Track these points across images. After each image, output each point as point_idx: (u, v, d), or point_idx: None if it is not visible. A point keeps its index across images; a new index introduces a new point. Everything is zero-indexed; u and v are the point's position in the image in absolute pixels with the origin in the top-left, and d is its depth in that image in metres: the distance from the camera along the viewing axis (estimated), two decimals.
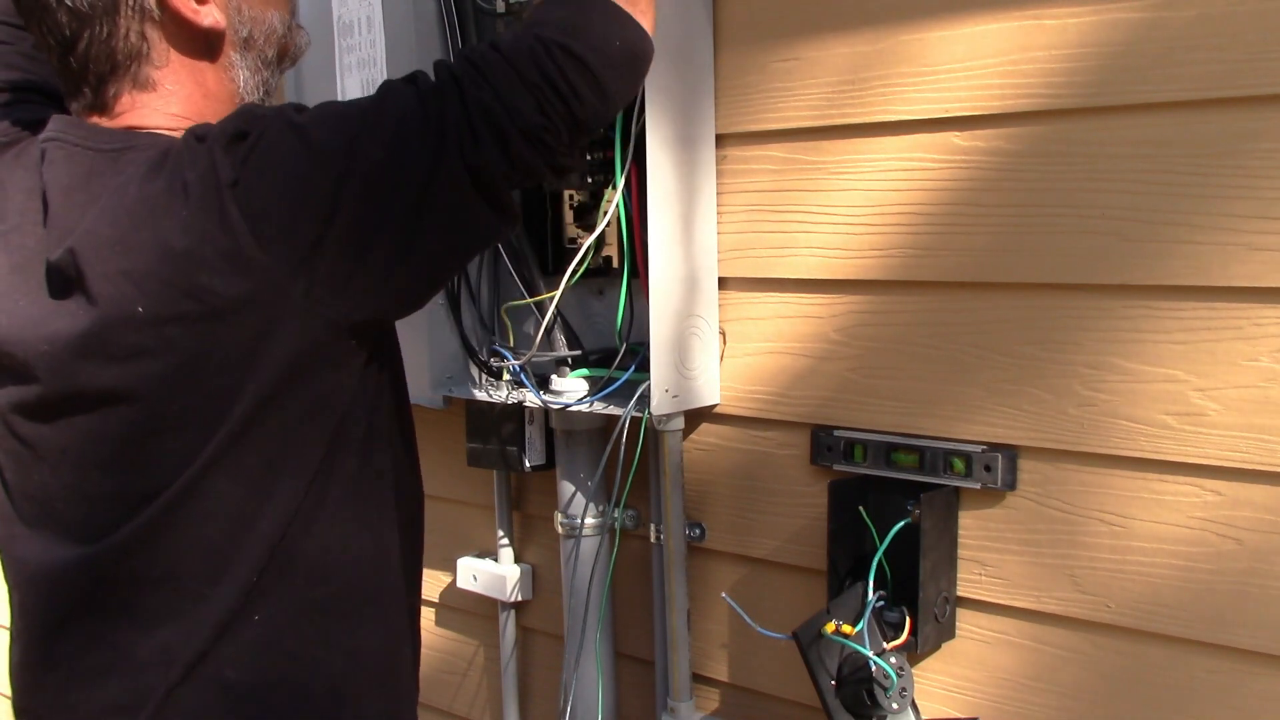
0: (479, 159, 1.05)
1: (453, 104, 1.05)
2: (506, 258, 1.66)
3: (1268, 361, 1.18)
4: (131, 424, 1.02)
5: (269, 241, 0.99)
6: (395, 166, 1.03)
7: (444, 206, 1.05)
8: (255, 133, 1.01)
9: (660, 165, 1.45)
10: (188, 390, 1.01)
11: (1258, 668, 1.22)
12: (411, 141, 1.03)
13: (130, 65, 1.09)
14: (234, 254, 0.98)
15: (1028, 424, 1.33)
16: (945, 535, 1.39)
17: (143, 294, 0.99)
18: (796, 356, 1.51)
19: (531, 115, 1.07)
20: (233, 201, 0.98)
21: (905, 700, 1.33)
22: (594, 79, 1.10)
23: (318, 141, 1.02)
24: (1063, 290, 1.30)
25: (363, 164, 1.01)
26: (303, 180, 1.00)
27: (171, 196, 1.00)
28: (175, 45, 1.10)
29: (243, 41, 1.15)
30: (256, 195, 0.99)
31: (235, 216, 0.98)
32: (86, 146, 1.06)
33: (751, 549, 1.59)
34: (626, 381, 1.55)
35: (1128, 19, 1.22)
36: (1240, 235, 1.18)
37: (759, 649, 1.59)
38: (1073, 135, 1.27)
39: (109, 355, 1.00)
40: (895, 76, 1.38)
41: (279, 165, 1.00)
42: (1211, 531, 1.23)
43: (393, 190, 1.03)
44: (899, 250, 1.41)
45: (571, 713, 1.73)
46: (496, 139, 1.06)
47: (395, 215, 1.03)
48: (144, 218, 1.00)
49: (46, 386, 1.04)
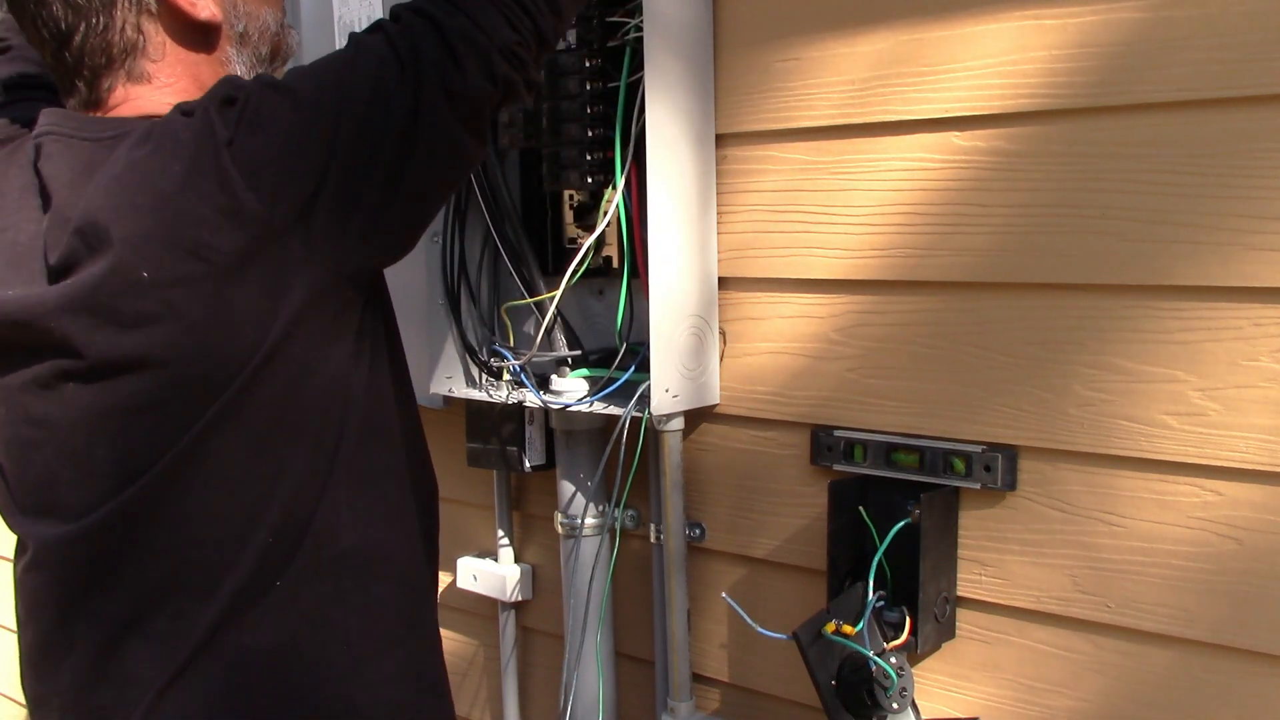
0: (464, 84, 1.07)
1: (428, 37, 1.06)
2: (506, 258, 1.66)
3: (1268, 361, 1.18)
4: (144, 392, 1.02)
5: (266, 195, 1.00)
6: (380, 109, 1.04)
7: (429, 140, 1.07)
8: (242, 97, 1.02)
9: (660, 165, 1.45)
10: (199, 354, 1.01)
11: (1258, 668, 1.22)
12: (391, 82, 1.05)
13: (125, 59, 1.09)
14: (233, 210, 0.99)
15: (1028, 424, 1.33)
16: (945, 535, 1.39)
17: (145, 259, 0.99)
18: (796, 356, 1.51)
19: (505, 32, 1.09)
20: (229, 160, 0.99)
21: (905, 700, 1.33)
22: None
23: (304, 97, 1.03)
24: (1063, 290, 1.30)
25: (349, 112, 1.03)
26: (294, 135, 1.02)
27: (164, 159, 1.00)
28: (171, 38, 1.10)
29: (239, 36, 1.15)
30: (251, 152, 1.00)
31: (232, 174, 0.99)
32: (82, 137, 1.06)
33: (751, 549, 1.59)
34: (626, 381, 1.55)
35: (1128, 19, 1.22)
36: (1240, 235, 1.18)
37: (759, 649, 1.59)
38: (1073, 135, 1.27)
39: (120, 324, 1.00)
40: (895, 77, 1.38)
41: (270, 123, 1.01)
42: (1211, 531, 1.23)
43: (380, 133, 1.04)
44: (899, 250, 1.41)
45: (571, 713, 1.73)
46: (479, 61, 1.07)
47: (384, 157, 1.05)
48: (137, 184, 1.00)
49: (59, 361, 1.04)
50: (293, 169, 1.01)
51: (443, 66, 1.06)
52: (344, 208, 1.03)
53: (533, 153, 1.65)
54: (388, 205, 1.07)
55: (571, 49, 1.55)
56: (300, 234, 1.01)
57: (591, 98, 1.53)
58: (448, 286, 1.71)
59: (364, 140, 1.04)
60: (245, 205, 0.99)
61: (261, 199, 0.99)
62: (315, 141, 1.02)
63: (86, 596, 1.08)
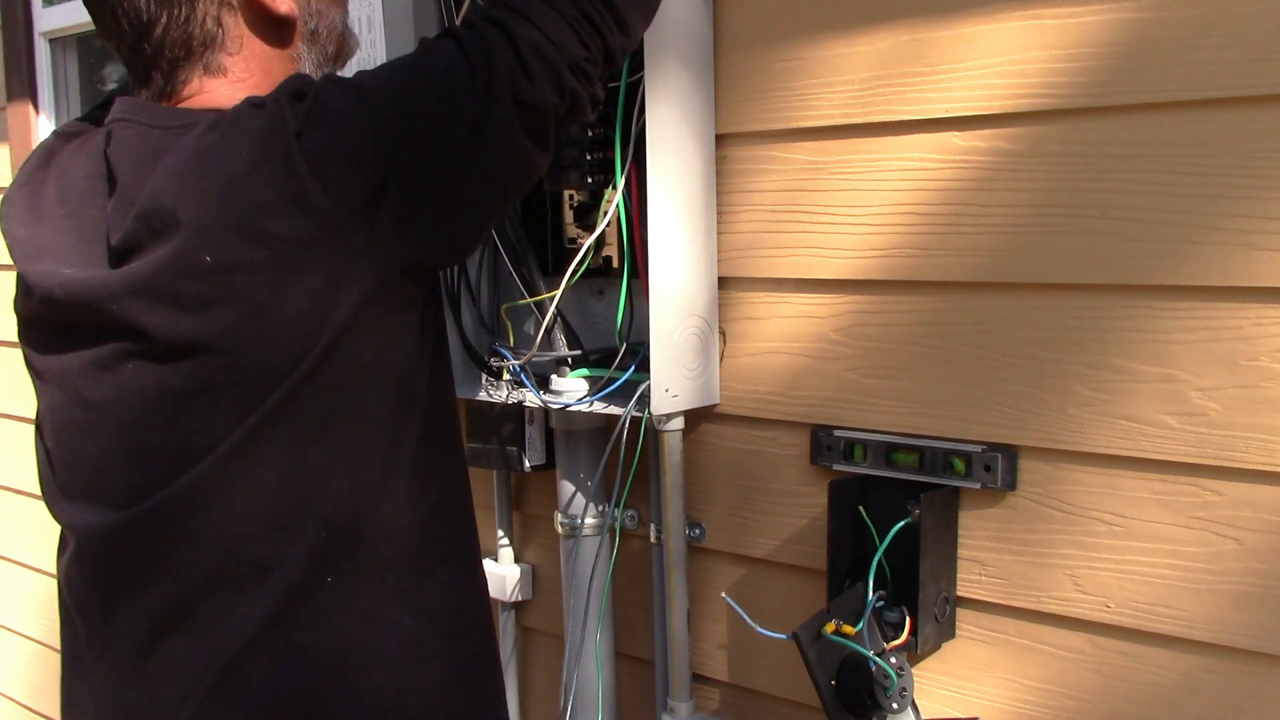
0: (533, 95, 1.09)
1: (501, 47, 1.08)
2: (506, 258, 1.66)
3: (1268, 361, 1.18)
4: (201, 377, 1.02)
5: (332, 187, 1.01)
6: (447, 110, 1.06)
7: (495, 147, 1.09)
8: (313, 91, 1.04)
9: (660, 165, 1.45)
10: (257, 341, 1.01)
11: (1258, 668, 1.22)
12: (460, 85, 1.06)
13: (204, 51, 1.10)
14: (299, 198, 1.00)
15: (1028, 424, 1.33)
16: (945, 535, 1.39)
17: (209, 243, 0.99)
18: (796, 356, 1.51)
19: (576, 48, 1.12)
20: (298, 151, 1.00)
21: (905, 700, 1.33)
22: (618, 13, 1.16)
23: (373, 94, 1.05)
24: (1063, 290, 1.30)
25: (417, 111, 1.05)
26: (363, 131, 1.03)
27: (232, 146, 1.01)
28: (250, 31, 1.12)
29: (310, 34, 1.17)
30: (320, 145, 1.01)
31: (300, 164, 1.00)
32: (152, 125, 1.07)
33: (751, 549, 1.59)
34: (626, 381, 1.55)
35: (1128, 19, 1.22)
36: (1240, 235, 1.18)
37: (759, 649, 1.59)
38: (1073, 135, 1.27)
39: (181, 307, 1.00)
40: (896, 77, 1.38)
41: (340, 118, 1.03)
42: (1211, 531, 1.23)
43: (447, 134, 1.06)
44: (899, 250, 1.41)
45: (571, 713, 1.73)
46: (549, 74, 1.10)
47: (449, 158, 1.06)
48: (204, 169, 1.01)
49: (122, 342, 1.04)
50: (359, 163, 1.02)
51: (513, 74, 1.08)
52: (408, 205, 1.04)
53: None
54: (451, 206, 1.08)
55: None
56: (363, 228, 1.02)
57: None
58: (448, 286, 1.71)
59: (430, 140, 1.05)
60: (311, 195, 1.00)
61: (328, 190, 1.00)
62: (383, 138, 1.03)
63: (129, 588, 1.07)
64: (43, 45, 2.75)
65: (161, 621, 1.06)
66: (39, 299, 1.09)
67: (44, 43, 2.75)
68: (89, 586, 1.11)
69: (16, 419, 2.88)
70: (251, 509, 1.04)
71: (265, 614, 1.05)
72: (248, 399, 1.02)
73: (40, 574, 2.95)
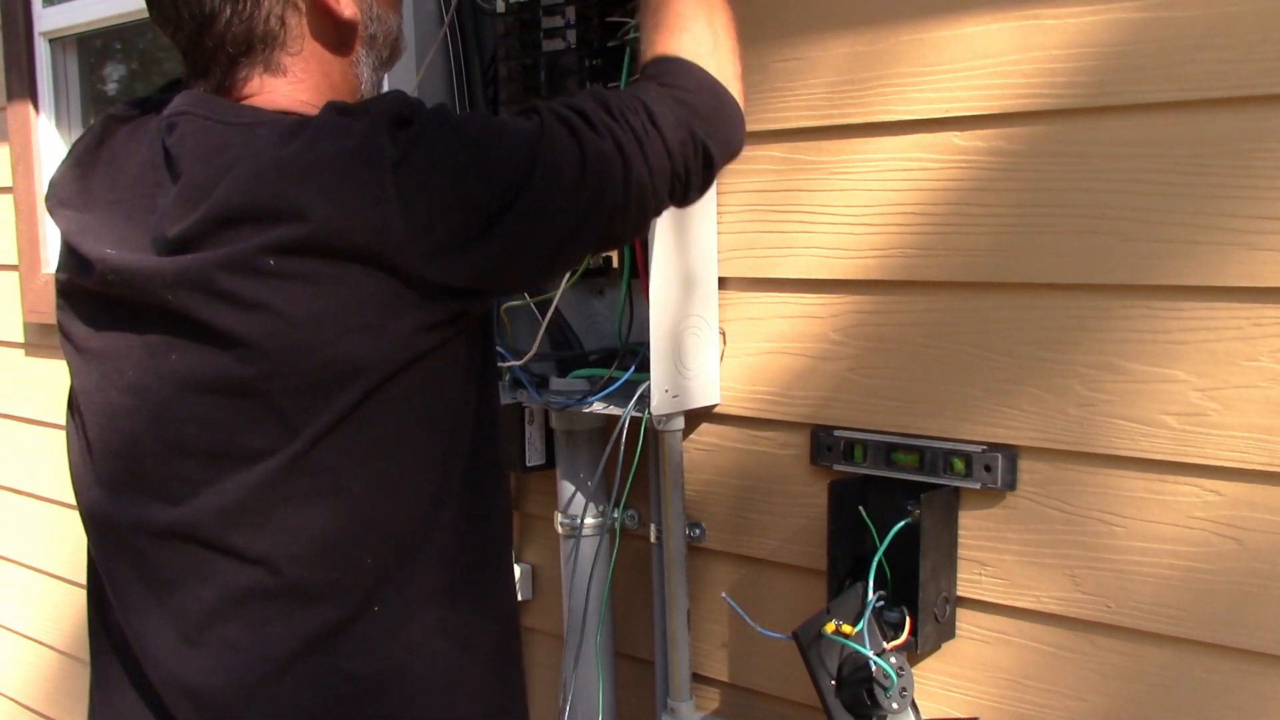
0: (621, 228, 1.13)
1: (615, 174, 1.08)
2: None
3: (1268, 361, 1.18)
4: (241, 377, 1.00)
5: (415, 226, 0.99)
6: (551, 212, 1.06)
7: (572, 251, 1.15)
8: (419, 122, 1.02)
9: None
10: (301, 352, 1.00)
11: (1258, 668, 1.22)
12: (571, 192, 1.07)
13: (264, 48, 1.09)
14: (379, 228, 0.98)
15: (1028, 424, 1.33)
16: (945, 535, 1.39)
17: (268, 250, 0.98)
18: (796, 356, 1.51)
19: (665, 199, 1.15)
20: (393, 182, 0.99)
21: (905, 700, 1.33)
22: (709, 179, 1.19)
23: (485, 155, 1.04)
24: (1063, 290, 1.30)
25: (521, 192, 1.04)
26: (464, 184, 1.02)
27: (313, 162, 0.99)
28: (311, 33, 1.10)
29: (369, 39, 1.16)
30: (415, 181, 1.00)
31: (391, 194, 0.98)
32: (217, 120, 1.06)
33: (752, 549, 1.59)
34: (626, 381, 1.55)
35: (1128, 19, 1.22)
36: (1240, 235, 1.18)
37: (759, 649, 1.59)
38: (1073, 135, 1.27)
39: (233, 301, 0.99)
40: (895, 76, 1.38)
41: (444, 162, 1.02)
42: (1211, 531, 1.23)
43: (537, 232, 1.06)
44: (899, 250, 1.41)
45: (571, 712, 1.73)
46: (640, 216, 1.14)
47: (539, 248, 1.08)
48: (280, 181, 0.99)
49: (167, 330, 1.02)
50: (449, 214, 1.01)
51: (613, 206, 1.09)
52: (487, 274, 1.05)
53: None
54: (525, 277, 1.15)
55: (571, 49, 1.55)
56: (434, 274, 1.01)
57: None
58: None
59: (525, 225, 1.04)
60: (391, 227, 0.98)
61: (408, 227, 0.99)
62: (480, 203, 1.02)
63: (166, 591, 1.06)
64: (43, 45, 2.75)
65: (191, 632, 1.05)
66: (96, 276, 1.06)
67: (44, 43, 2.75)
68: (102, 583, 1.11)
69: (17, 419, 2.88)
70: (300, 531, 1.03)
71: (304, 639, 1.04)
72: (290, 413, 1.01)
73: (40, 574, 2.95)
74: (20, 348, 2.83)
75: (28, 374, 2.81)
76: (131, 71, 3.01)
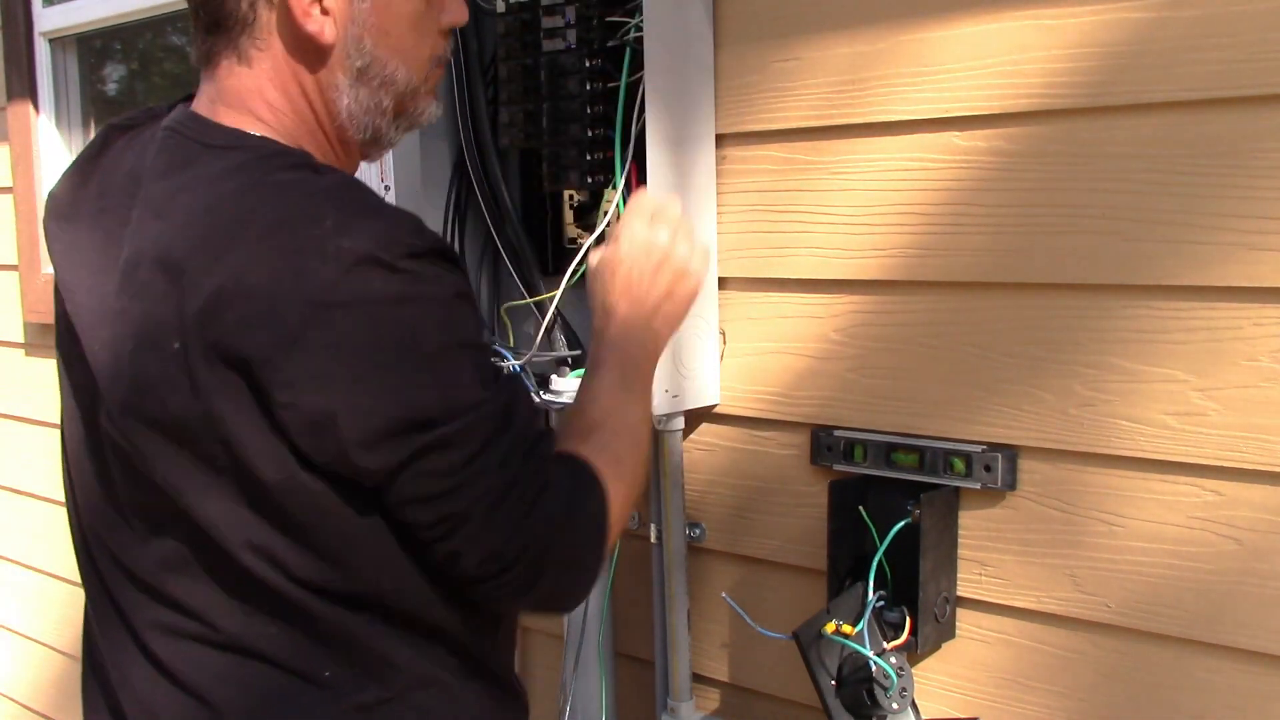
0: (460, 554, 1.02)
1: (515, 511, 1.01)
2: (506, 258, 1.66)
3: (1268, 361, 1.18)
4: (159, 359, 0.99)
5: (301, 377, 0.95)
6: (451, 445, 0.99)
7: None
8: (380, 279, 0.95)
9: (660, 165, 1.45)
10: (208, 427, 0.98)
11: (1258, 668, 1.22)
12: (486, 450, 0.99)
13: (234, 30, 1.07)
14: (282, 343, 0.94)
15: (1028, 424, 1.33)
16: (945, 535, 1.39)
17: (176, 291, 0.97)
18: (796, 356, 1.51)
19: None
20: (318, 325, 0.94)
21: (905, 700, 1.33)
22: (583, 571, 1.10)
23: (433, 367, 0.98)
24: (1063, 290, 1.30)
25: (431, 431, 0.97)
26: (384, 369, 0.96)
27: (249, 216, 0.98)
28: (279, 33, 1.07)
29: (357, 71, 1.09)
30: (339, 333, 0.95)
31: (315, 342, 0.94)
32: (192, 138, 1.06)
33: (752, 549, 1.59)
34: None
35: (1128, 19, 1.22)
36: (1240, 235, 1.18)
37: (759, 649, 1.59)
38: (1073, 135, 1.27)
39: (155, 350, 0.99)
40: (895, 76, 1.38)
41: (379, 340, 0.96)
42: (1211, 531, 1.23)
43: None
44: (899, 250, 1.41)
45: (571, 713, 1.73)
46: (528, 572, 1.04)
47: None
48: (215, 226, 0.98)
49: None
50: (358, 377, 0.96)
51: (480, 524, 1.00)
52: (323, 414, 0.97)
53: (533, 153, 1.65)
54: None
55: (571, 49, 1.55)
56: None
57: (591, 98, 1.53)
58: None
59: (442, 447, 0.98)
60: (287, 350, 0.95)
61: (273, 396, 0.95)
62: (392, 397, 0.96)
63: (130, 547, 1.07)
64: (43, 45, 2.75)
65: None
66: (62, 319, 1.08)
67: (44, 43, 2.75)
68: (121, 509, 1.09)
69: (17, 419, 2.88)
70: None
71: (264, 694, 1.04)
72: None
73: (40, 574, 2.96)
74: (20, 348, 2.83)
75: (28, 374, 2.81)
76: (131, 71, 3.00)
